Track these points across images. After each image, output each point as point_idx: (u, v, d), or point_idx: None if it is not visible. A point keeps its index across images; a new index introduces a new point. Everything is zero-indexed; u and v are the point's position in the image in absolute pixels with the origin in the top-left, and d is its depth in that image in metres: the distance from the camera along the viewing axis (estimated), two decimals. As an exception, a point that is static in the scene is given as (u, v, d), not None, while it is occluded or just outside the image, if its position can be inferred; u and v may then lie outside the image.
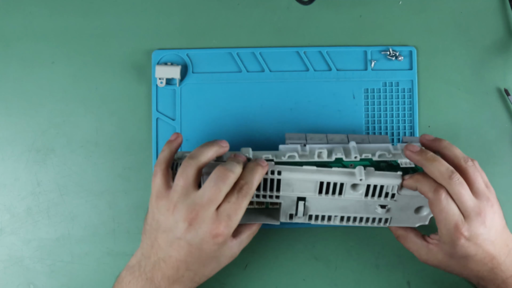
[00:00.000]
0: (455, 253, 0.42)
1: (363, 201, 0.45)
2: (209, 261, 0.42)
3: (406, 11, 0.54)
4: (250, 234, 0.46)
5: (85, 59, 0.53)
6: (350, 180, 0.43)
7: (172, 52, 0.52)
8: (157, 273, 0.42)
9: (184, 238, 0.40)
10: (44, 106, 0.52)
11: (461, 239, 0.41)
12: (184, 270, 0.42)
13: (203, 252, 0.41)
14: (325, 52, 0.53)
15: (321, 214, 0.46)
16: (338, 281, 0.52)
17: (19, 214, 0.52)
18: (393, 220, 0.47)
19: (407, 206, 0.45)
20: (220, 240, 0.41)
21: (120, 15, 0.53)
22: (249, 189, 0.41)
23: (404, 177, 0.43)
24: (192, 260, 0.41)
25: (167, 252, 0.41)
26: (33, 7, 0.53)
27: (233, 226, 0.41)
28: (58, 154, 0.52)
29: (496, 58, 0.54)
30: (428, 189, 0.42)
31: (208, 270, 0.43)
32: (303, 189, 0.44)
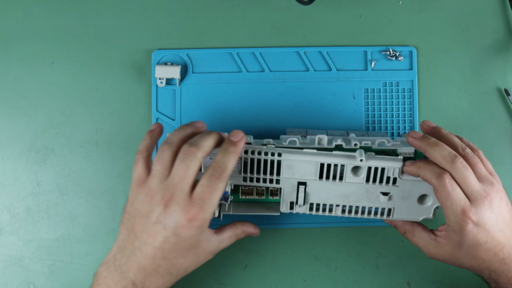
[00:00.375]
0: (464, 241, 0.41)
1: (364, 187, 0.44)
2: (186, 250, 0.41)
3: (406, 11, 0.54)
4: (233, 236, 0.45)
5: (85, 59, 0.53)
6: (350, 162, 0.43)
7: (172, 52, 0.52)
8: (133, 265, 0.40)
9: (160, 222, 0.39)
10: (44, 106, 0.52)
11: (469, 224, 0.40)
12: (160, 259, 0.40)
13: (179, 238, 0.39)
14: (325, 52, 0.53)
15: (322, 202, 0.46)
16: (338, 281, 0.52)
17: (19, 214, 0.52)
18: (396, 211, 0.46)
19: (410, 194, 0.45)
20: (195, 224, 0.39)
21: (120, 15, 0.53)
22: (222, 171, 0.40)
23: (406, 163, 0.43)
24: (168, 247, 0.40)
25: (143, 239, 0.40)
26: (33, 7, 0.53)
27: (208, 210, 0.39)
28: (58, 154, 0.52)
29: (496, 58, 0.54)
30: (431, 175, 0.41)
31: (186, 262, 0.42)
32: (303, 173, 0.44)
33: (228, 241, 0.45)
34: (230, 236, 0.45)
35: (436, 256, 0.44)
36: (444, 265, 0.52)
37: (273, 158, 0.43)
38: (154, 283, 0.41)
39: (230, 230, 0.45)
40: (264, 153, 0.43)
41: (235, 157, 0.41)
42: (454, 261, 0.44)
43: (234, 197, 0.48)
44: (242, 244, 0.52)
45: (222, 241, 0.44)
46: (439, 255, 0.44)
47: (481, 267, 0.43)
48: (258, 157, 0.43)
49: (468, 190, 0.40)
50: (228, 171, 0.40)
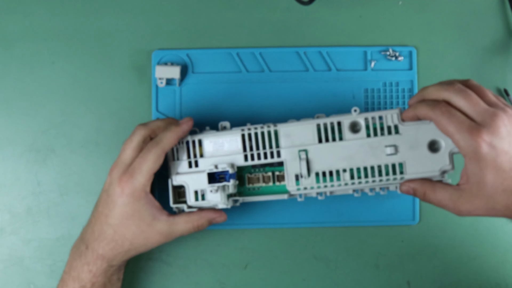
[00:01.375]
0: (485, 170, 0.36)
1: (367, 144, 0.43)
2: (126, 220, 0.43)
3: (406, 11, 0.54)
4: (189, 222, 0.45)
5: (85, 59, 0.53)
6: (346, 118, 0.43)
7: (172, 52, 0.52)
8: (87, 230, 0.45)
9: (105, 190, 0.44)
10: (44, 106, 0.52)
11: (482, 145, 0.35)
12: (104, 224, 0.44)
13: (115, 205, 0.43)
14: (325, 52, 0.53)
15: (327, 169, 0.44)
16: (338, 281, 0.52)
17: (19, 214, 0.52)
18: (408, 166, 0.42)
19: (417, 142, 0.42)
20: (126, 191, 0.43)
21: (120, 15, 0.53)
22: (157, 144, 0.43)
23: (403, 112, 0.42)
24: (108, 212, 0.44)
25: (96, 207, 0.45)
26: (33, 7, 0.53)
27: (138, 178, 0.43)
28: (58, 154, 0.52)
29: (496, 58, 0.54)
30: (426, 109, 0.38)
31: (129, 234, 0.44)
32: (302, 139, 0.44)
33: (184, 226, 0.45)
34: (186, 221, 0.45)
35: (465, 206, 0.39)
36: (444, 265, 0.53)
37: (269, 129, 0.45)
38: (101, 248, 0.44)
39: (186, 215, 0.46)
40: (260, 127, 0.45)
41: (173, 135, 0.44)
42: (484, 205, 0.38)
43: (241, 189, 0.48)
44: (242, 244, 0.52)
45: (174, 224, 0.45)
46: (467, 204, 0.38)
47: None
48: (254, 131, 0.45)
49: (473, 111, 0.36)
50: (164, 145, 0.43)
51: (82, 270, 0.45)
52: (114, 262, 0.45)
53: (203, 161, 0.46)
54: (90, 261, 0.44)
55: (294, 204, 0.50)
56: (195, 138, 0.46)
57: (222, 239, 0.52)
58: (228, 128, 0.48)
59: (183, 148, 0.46)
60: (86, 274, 0.44)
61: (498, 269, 0.52)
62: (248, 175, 0.48)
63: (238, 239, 0.52)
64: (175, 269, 0.52)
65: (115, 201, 0.43)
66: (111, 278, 0.46)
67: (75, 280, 0.45)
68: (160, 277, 0.52)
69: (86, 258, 0.45)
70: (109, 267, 0.45)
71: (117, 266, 0.46)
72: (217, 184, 0.45)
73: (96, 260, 0.44)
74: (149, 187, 0.44)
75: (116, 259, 0.45)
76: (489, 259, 0.53)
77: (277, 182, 0.48)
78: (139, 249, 0.45)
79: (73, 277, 0.45)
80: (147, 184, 0.43)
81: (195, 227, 0.46)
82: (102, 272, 0.45)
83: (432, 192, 0.41)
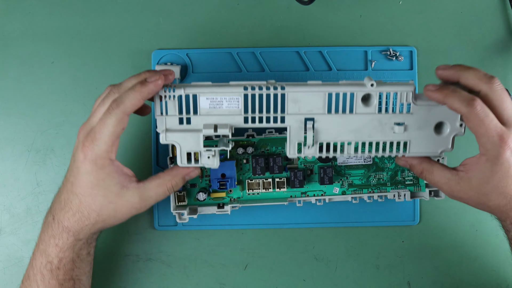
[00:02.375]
0: (497, 172, 0.38)
1: (377, 119, 0.41)
2: (90, 189, 0.40)
3: (406, 11, 0.54)
4: (162, 183, 0.42)
5: (85, 59, 0.53)
6: (360, 89, 0.40)
7: (172, 52, 0.52)
8: (55, 200, 0.42)
9: (73, 153, 0.41)
10: (44, 106, 0.52)
11: (507, 151, 0.37)
12: (70, 193, 0.41)
13: (79, 172, 0.40)
14: (325, 52, 0.53)
15: (332, 141, 0.42)
16: (338, 281, 0.52)
17: (18, 214, 0.52)
18: (412, 145, 0.42)
19: (426, 123, 0.41)
20: (88, 157, 0.39)
21: (120, 15, 0.53)
22: (117, 106, 0.39)
23: (428, 87, 0.39)
24: (73, 180, 0.41)
25: (67, 173, 0.42)
26: (33, 7, 0.53)
27: (98, 144, 0.39)
28: (58, 154, 0.52)
29: (496, 58, 0.54)
30: (460, 103, 0.37)
31: (95, 204, 0.40)
32: (310, 107, 0.41)
33: (156, 191, 0.42)
34: (158, 184, 0.42)
35: (459, 193, 0.40)
36: (444, 265, 0.52)
37: (276, 92, 0.40)
38: (66, 219, 0.41)
39: (157, 177, 0.42)
40: (266, 88, 0.40)
41: (137, 95, 0.39)
42: (477, 198, 0.40)
43: (242, 194, 0.49)
44: (242, 244, 0.52)
45: (146, 190, 0.41)
46: (462, 192, 0.40)
47: (507, 206, 0.39)
48: (259, 92, 0.41)
49: (505, 115, 0.37)
50: (125, 107, 0.39)
51: (49, 244, 0.42)
52: (81, 236, 0.42)
53: (197, 118, 0.41)
54: (56, 234, 0.41)
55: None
56: (190, 92, 0.41)
57: (222, 239, 0.52)
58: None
59: (173, 102, 0.41)
60: (52, 248, 0.41)
61: (499, 269, 0.52)
62: (248, 180, 0.48)
63: (238, 239, 0.52)
64: (175, 269, 0.52)
65: (79, 168, 0.40)
66: (79, 253, 0.43)
67: (42, 254, 0.42)
68: (160, 277, 0.52)
69: (52, 230, 0.41)
70: (76, 241, 0.42)
71: (85, 239, 0.42)
72: (215, 149, 0.41)
73: (61, 232, 0.41)
74: (113, 153, 0.40)
75: (83, 232, 0.41)
76: (490, 260, 0.53)
77: (277, 189, 0.48)
78: (108, 221, 0.42)
79: (40, 251, 0.42)
80: (110, 150, 0.39)
81: (169, 188, 0.42)
82: (69, 246, 0.41)
83: (430, 173, 0.42)
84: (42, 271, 0.42)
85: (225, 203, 0.49)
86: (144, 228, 0.52)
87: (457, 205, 0.53)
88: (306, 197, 0.49)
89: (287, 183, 0.49)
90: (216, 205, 0.49)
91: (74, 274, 0.43)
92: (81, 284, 0.44)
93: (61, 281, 0.42)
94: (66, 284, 0.42)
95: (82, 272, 0.44)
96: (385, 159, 0.49)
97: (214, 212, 0.48)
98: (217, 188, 0.47)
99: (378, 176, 0.50)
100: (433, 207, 0.53)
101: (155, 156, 0.52)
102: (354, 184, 0.50)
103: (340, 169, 0.50)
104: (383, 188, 0.50)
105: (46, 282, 0.42)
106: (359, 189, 0.50)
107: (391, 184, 0.50)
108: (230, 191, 0.49)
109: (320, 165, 0.49)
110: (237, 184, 0.48)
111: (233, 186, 0.48)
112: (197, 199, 0.48)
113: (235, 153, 0.49)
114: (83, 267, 0.44)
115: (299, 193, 0.49)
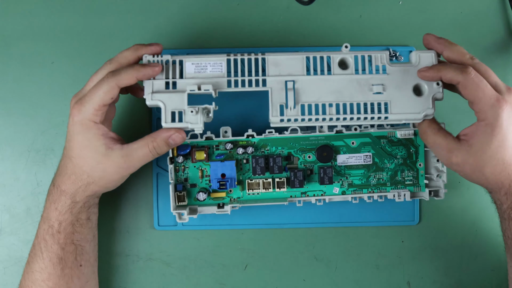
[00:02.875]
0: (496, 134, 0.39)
1: (355, 80, 0.44)
2: (80, 150, 0.42)
3: (406, 11, 0.54)
4: (143, 144, 0.43)
5: (85, 59, 0.53)
6: (336, 54, 0.44)
7: (172, 52, 0.52)
8: (57, 170, 0.45)
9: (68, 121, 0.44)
10: (44, 106, 0.52)
11: (504, 114, 0.39)
12: (65, 158, 0.44)
13: (70, 133, 0.43)
14: (325, 52, 0.53)
15: (314, 102, 0.44)
16: (338, 281, 0.52)
17: (18, 214, 0.52)
18: (393, 105, 0.44)
19: (403, 83, 0.44)
20: (76, 119, 0.42)
21: (120, 15, 0.53)
22: (112, 76, 0.42)
23: (421, 69, 0.43)
24: (67, 144, 0.43)
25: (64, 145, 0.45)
26: (33, 7, 0.53)
27: (87, 106, 0.42)
28: (58, 154, 0.52)
29: (496, 58, 0.54)
30: (454, 72, 0.40)
31: (87, 165, 0.43)
32: (290, 70, 0.44)
33: (140, 151, 0.43)
34: (142, 144, 0.43)
35: (457, 160, 0.42)
36: (444, 265, 0.52)
37: (257, 56, 0.44)
38: (63, 183, 0.44)
39: (141, 139, 0.43)
40: (247, 54, 0.44)
41: (133, 73, 0.42)
42: (475, 165, 0.41)
43: (242, 194, 0.49)
44: (242, 244, 0.52)
45: (130, 150, 0.43)
46: (460, 159, 0.41)
47: (502, 174, 0.41)
48: (241, 57, 0.44)
49: (492, 82, 0.40)
50: (120, 79, 0.42)
51: (50, 209, 0.44)
52: (77, 198, 0.44)
53: (182, 82, 0.43)
54: (56, 199, 0.44)
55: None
56: (176, 58, 0.44)
57: (222, 239, 0.52)
58: (229, 134, 0.48)
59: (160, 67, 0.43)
60: (53, 213, 0.44)
61: (499, 269, 0.52)
62: (248, 180, 0.48)
63: (238, 239, 0.52)
64: (175, 269, 0.52)
65: (69, 131, 0.43)
66: (78, 216, 0.45)
67: (45, 221, 0.44)
68: (160, 277, 0.52)
69: (52, 196, 0.44)
70: (73, 203, 0.44)
71: (82, 202, 0.44)
72: (198, 106, 0.43)
73: (60, 196, 0.44)
74: (98, 118, 0.42)
75: (78, 194, 0.44)
76: (490, 260, 0.53)
77: (277, 189, 0.48)
78: (99, 182, 0.44)
79: (43, 218, 0.45)
80: (95, 113, 0.42)
81: (151, 149, 0.43)
82: (67, 209, 0.44)
83: (433, 133, 0.43)
84: (44, 237, 0.44)
85: (225, 203, 0.49)
86: (144, 228, 0.52)
87: (457, 205, 0.53)
88: (306, 197, 0.49)
89: (287, 183, 0.49)
90: (216, 205, 0.49)
91: (75, 239, 0.45)
92: (84, 251, 0.46)
93: (62, 245, 0.44)
94: (67, 248, 0.44)
95: (84, 239, 0.46)
96: (384, 159, 0.49)
97: (214, 212, 0.48)
98: (217, 188, 0.48)
99: (378, 176, 0.50)
100: (433, 207, 0.53)
101: (155, 156, 0.52)
102: (354, 184, 0.50)
103: (340, 169, 0.50)
104: (383, 188, 0.50)
105: (48, 247, 0.44)
106: (359, 189, 0.50)
107: (391, 184, 0.50)
108: (230, 191, 0.49)
109: (320, 165, 0.49)
110: (237, 184, 0.48)
111: (233, 186, 0.48)
112: (197, 199, 0.48)
113: (235, 153, 0.49)
114: (84, 233, 0.46)
115: (299, 193, 0.50)
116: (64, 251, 0.44)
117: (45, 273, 0.44)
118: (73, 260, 0.45)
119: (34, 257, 0.44)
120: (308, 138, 0.49)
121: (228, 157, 0.49)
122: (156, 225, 0.52)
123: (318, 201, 0.49)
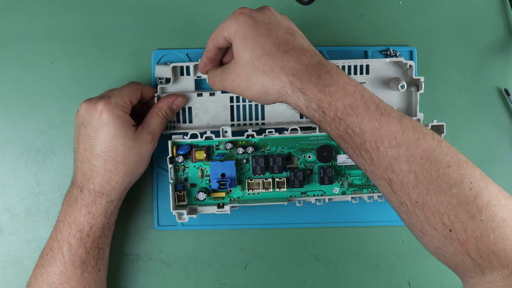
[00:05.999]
0: (241, 52, 0.39)
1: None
2: (109, 141, 0.43)
3: (406, 11, 0.54)
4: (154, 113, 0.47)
5: (85, 59, 0.53)
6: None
7: (172, 52, 0.52)
8: (77, 175, 0.45)
9: (80, 123, 0.45)
10: (44, 106, 0.52)
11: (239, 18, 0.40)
12: (92, 159, 0.44)
13: (96, 128, 0.44)
14: (325, 52, 0.53)
15: None
16: (338, 281, 0.52)
17: (19, 214, 0.52)
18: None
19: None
20: (104, 110, 0.43)
21: (120, 15, 0.53)
22: (133, 83, 0.48)
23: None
24: (92, 143, 0.44)
25: (77, 150, 0.46)
26: (33, 7, 0.53)
27: (113, 99, 0.44)
28: (58, 154, 0.52)
29: (496, 58, 0.54)
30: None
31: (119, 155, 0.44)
32: None
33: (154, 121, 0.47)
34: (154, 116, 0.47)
35: (237, 82, 0.40)
36: (444, 265, 0.52)
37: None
38: (97, 184, 0.44)
39: (149, 113, 0.47)
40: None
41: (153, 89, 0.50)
42: (247, 80, 0.39)
43: (242, 194, 0.49)
44: (242, 244, 0.52)
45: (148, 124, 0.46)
46: (231, 80, 0.41)
47: (275, 71, 0.38)
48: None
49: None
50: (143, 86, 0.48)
51: (80, 214, 0.44)
52: (113, 196, 0.45)
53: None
54: (89, 203, 0.44)
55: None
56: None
57: (222, 239, 0.52)
58: (229, 134, 0.48)
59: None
60: (84, 217, 0.44)
61: (498, 269, 0.52)
62: (248, 180, 0.48)
63: (238, 239, 0.52)
64: (175, 269, 0.52)
65: (94, 127, 0.44)
66: (110, 219, 0.46)
67: (71, 225, 0.44)
68: (160, 277, 0.52)
69: (83, 200, 0.44)
70: (108, 203, 0.45)
71: (116, 200, 0.45)
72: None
73: (94, 198, 0.44)
74: (127, 110, 0.45)
75: (115, 191, 0.45)
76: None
77: (277, 189, 0.48)
78: (134, 168, 0.45)
79: (69, 223, 0.44)
80: (123, 105, 0.44)
81: (162, 117, 0.47)
82: (101, 211, 0.44)
83: (219, 79, 0.42)
84: (69, 241, 0.44)
85: (225, 203, 0.49)
86: (144, 228, 0.52)
87: (457, 205, 0.53)
88: (306, 197, 0.49)
89: (287, 183, 0.49)
90: (216, 205, 0.49)
91: (101, 243, 0.46)
92: (104, 255, 0.47)
93: (88, 249, 0.45)
94: (92, 252, 0.45)
95: (107, 242, 0.47)
96: None
97: (214, 212, 0.48)
98: (217, 188, 0.48)
99: None
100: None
101: (155, 156, 0.52)
102: (354, 184, 0.50)
103: (340, 169, 0.50)
104: None
105: (73, 251, 0.44)
106: (359, 189, 0.50)
107: None
108: (230, 191, 0.49)
109: (320, 165, 0.49)
110: (237, 184, 0.48)
111: (233, 186, 0.48)
112: (197, 199, 0.48)
113: (235, 153, 0.49)
114: (108, 236, 0.47)
115: (299, 193, 0.50)
116: (89, 254, 0.45)
117: (65, 276, 0.44)
118: (94, 264, 0.45)
119: (53, 261, 0.44)
120: (308, 138, 0.49)
121: (228, 157, 0.49)
122: (156, 225, 0.52)
123: (318, 201, 0.49)
